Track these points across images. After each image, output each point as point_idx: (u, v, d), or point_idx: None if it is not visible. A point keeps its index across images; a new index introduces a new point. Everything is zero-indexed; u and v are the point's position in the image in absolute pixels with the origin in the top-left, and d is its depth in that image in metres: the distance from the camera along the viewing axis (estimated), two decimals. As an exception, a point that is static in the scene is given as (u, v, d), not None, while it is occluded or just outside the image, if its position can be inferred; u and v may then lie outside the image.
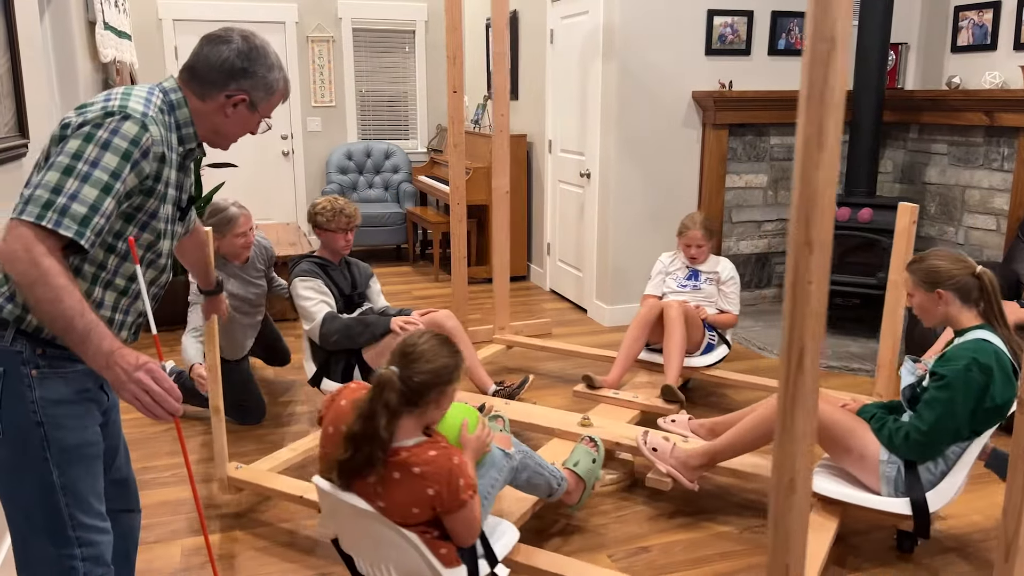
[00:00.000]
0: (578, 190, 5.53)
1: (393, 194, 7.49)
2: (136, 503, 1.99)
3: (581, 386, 3.65)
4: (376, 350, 3.32)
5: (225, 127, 1.73)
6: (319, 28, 7.43)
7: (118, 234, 1.62)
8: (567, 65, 5.55)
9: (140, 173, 1.56)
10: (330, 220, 3.37)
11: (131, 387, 1.47)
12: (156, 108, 1.62)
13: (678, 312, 3.66)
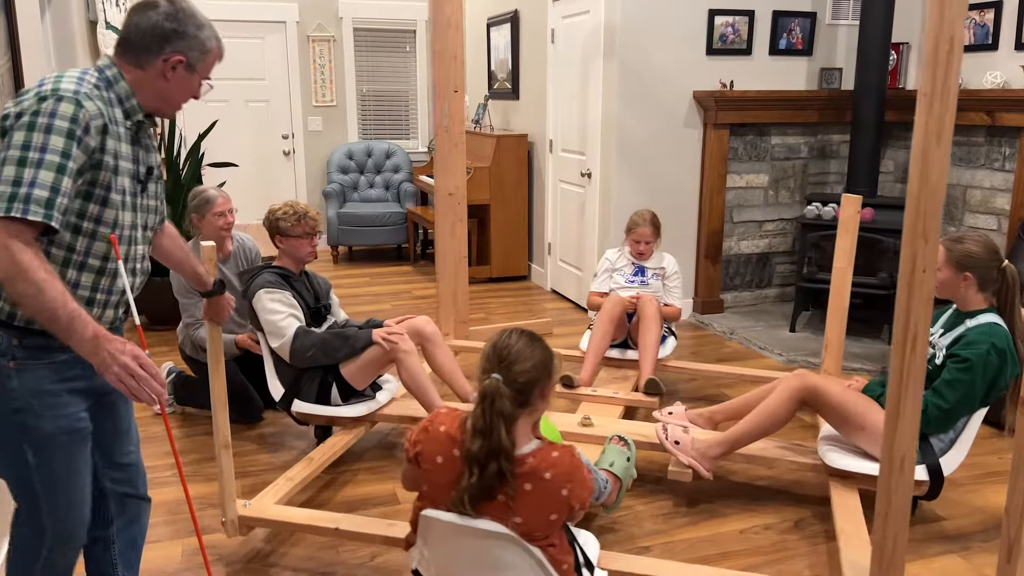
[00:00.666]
0: (579, 190, 5.52)
1: (394, 194, 7.49)
2: (144, 490, 2.05)
3: (557, 387, 3.60)
4: (356, 365, 3.09)
5: (167, 91, 1.77)
6: (320, 28, 7.42)
7: (81, 214, 1.67)
8: (568, 65, 5.54)
9: (86, 148, 1.61)
10: (294, 225, 3.10)
11: (116, 370, 1.54)
12: (90, 85, 1.66)
13: (654, 308, 3.73)
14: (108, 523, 2.01)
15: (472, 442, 1.76)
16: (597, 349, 3.72)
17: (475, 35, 7.51)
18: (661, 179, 5.11)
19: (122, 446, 1.96)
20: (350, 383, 3.12)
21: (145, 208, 1.84)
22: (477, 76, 7.50)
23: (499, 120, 6.99)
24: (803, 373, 2.82)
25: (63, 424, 1.72)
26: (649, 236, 3.96)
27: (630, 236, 4.02)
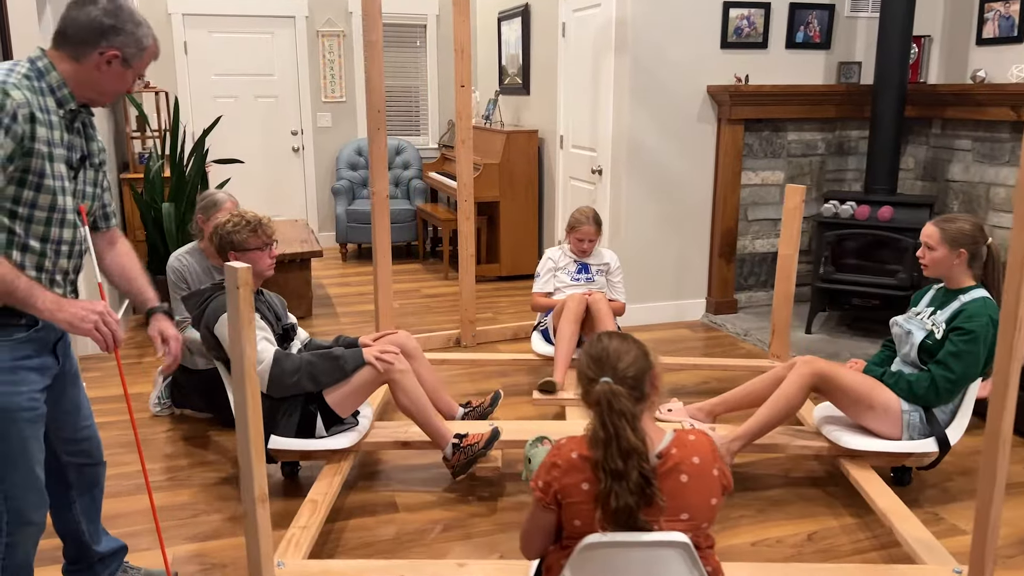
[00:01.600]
0: (589, 187, 5.41)
1: (404, 191, 7.40)
2: (100, 456, 2.19)
3: (538, 394, 3.49)
4: (345, 390, 2.78)
5: (100, 83, 1.84)
6: (329, 23, 7.35)
7: (16, 199, 1.74)
8: (579, 59, 5.43)
9: (15, 136, 1.68)
10: (249, 237, 2.72)
11: (93, 318, 1.75)
12: (20, 75, 1.74)
13: (607, 305, 3.72)
14: (68, 487, 2.14)
15: (608, 457, 1.63)
16: (567, 350, 3.64)
17: (486, 29, 7.41)
18: (673, 176, 4.99)
19: (75, 422, 2.07)
20: (335, 411, 2.80)
21: (79, 194, 1.91)
22: (488, 71, 7.40)
23: (510, 116, 6.88)
24: (810, 359, 2.90)
25: (19, 401, 1.80)
26: (592, 234, 3.94)
27: (572, 234, 3.99)
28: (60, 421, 2.03)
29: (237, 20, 7.07)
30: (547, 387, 3.46)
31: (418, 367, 3.04)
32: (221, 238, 2.73)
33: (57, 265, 1.85)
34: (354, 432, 2.88)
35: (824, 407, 3.07)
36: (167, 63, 6.95)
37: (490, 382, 4.08)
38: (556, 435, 2.96)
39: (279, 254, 4.97)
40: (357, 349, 2.85)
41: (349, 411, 2.85)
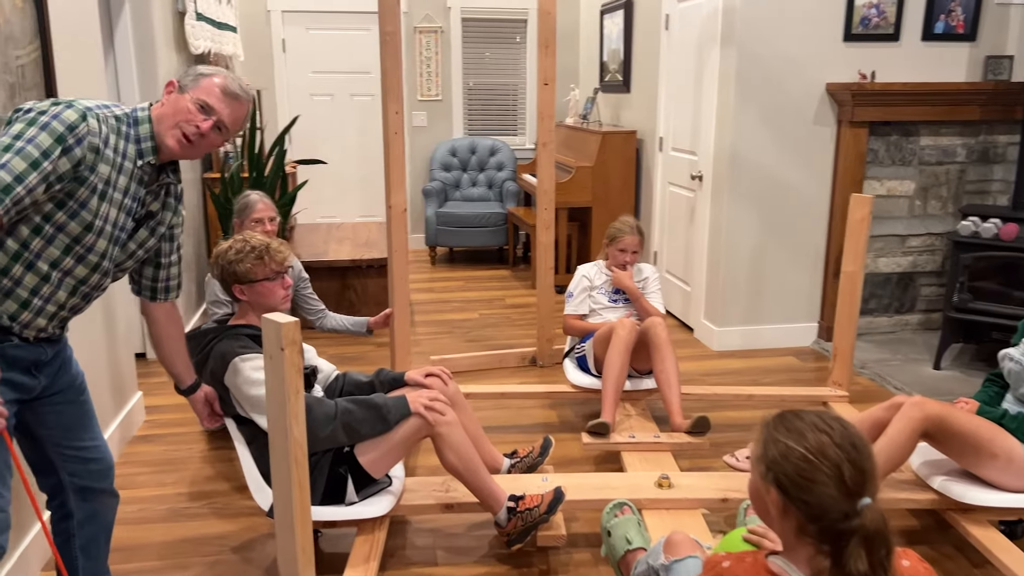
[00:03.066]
0: (689, 194, 4.93)
1: (496, 193, 7.11)
2: (108, 484, 2.05)
3: (588, 438, 3.06)
4: (382, 448, 2.31)
5: (163, 114, 1.84)
6: (428, 19, 7.13)
7: (47, 216, 1.70)
8: (682, 54, 4.96)
9: (72, 158, 1.67)
10: (256, 265, 2.30)
11: None
12: (111, 114, 1.78)
13: (667, 332, 3.27)
14: (67, 516, 2.01)
15: None
16: (617, 386, 3.19)
17: (589, 23, 7.01)
18: (783, 184, 4.45)
19: (75, 440, 1.96)
20: (368, 471, 2.32)
21: (128, 250, 1.90)
22: (589, 67, 7.00)
23: (609, 115, 6.46)
24: (920, 401, 2.47)
25: None
26: (635, 245, 3.54)
27: (612, 246, 3.56)
28: (57, 439, 1.94)
29: (335, 16, 6.96)
30: (599, 429, 3.04)
31: (460, 414, 2.57)
32: (223, 269, 2.32)
33: (54, 296, 1.78)
34: (389, 495, 2.42)
35: (921, 450, 2.60)
36: (265, 61, 6.93)
37: (521, 415, 3.71)
38: (622, 491, 2.57)
39: (363, 258, 4.80)
40: (401, 397, 2.37)
41: (385, 470, 2.38)
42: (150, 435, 3.45)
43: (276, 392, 1.51)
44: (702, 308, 4.75)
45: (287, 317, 1.59)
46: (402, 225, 3.49)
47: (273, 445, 1.53)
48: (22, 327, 1.75)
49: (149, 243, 1.95)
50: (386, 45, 3.35)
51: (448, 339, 4.74)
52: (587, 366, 3.47)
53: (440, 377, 2.59)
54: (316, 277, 4.85)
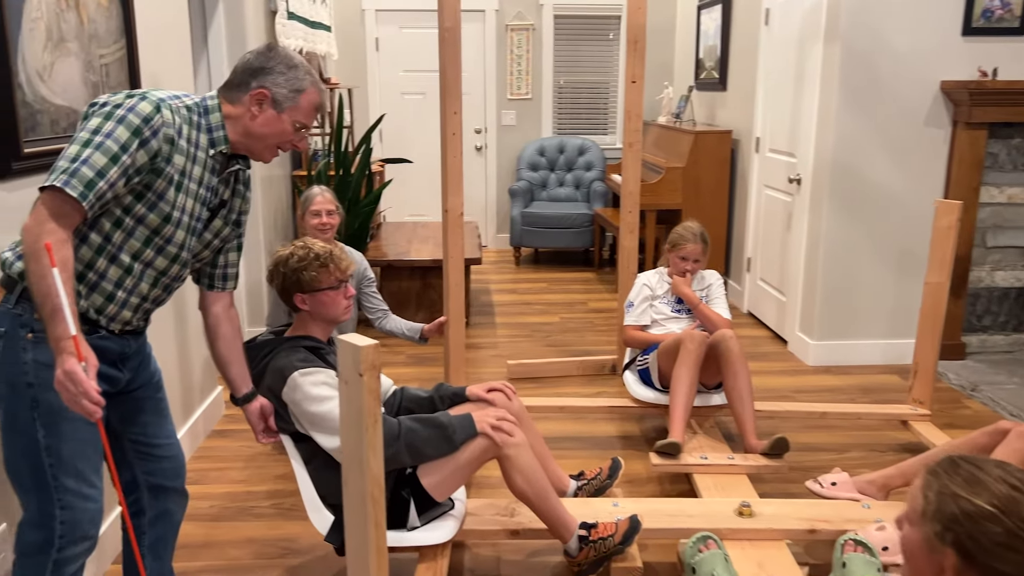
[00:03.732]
0: (786, 198, 4.67)
1: (584, 193, 6.96)
2: (179, 483, 2.03)
3: (657, 458, 2.86)
4: (446, 470, 2.15)
5: (254, 129, 1.81)
6: (519, 16, 7.05)
7: (127, 209, 1.70)
8: (783, 50, 4.69)
9: (149, 150, 1.66)
10: (321, 274, 2.15)
11: (59, 374, 1.52)
12: (182, 104, 1.76)
13: (740, 346, 3.05)
14: (139, 513, 2.00)
15: None
16: (686, 402, 2.99)
17: (685, 18, 6.78)
18: (889, 190, 4.14)
19: (151, 437, 1.96)
20: (431, 494, 2.17)
21: (203, 240, 1.89)
22: (684, 65, 6.77)
23: (704, 114, 6.22)
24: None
25: None
26: (698, 253, 3.36)
27: (675, 253, 3.38)
28: (134, 436, 1.95)
29: (428, 15, 6.96)
30: (669, 450, 2.85)
31: (525, 432, 2.38)
32: (284, 277, 2.16)
33: (137, 288, 1.78)
34: (452, 520, 2.25)
35: None
36: (358, 59, 6.99)
37: (579, 427, 3.55)
38: (699, 519, 2.41)
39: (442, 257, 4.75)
40: (467, 416, 2.20)
41: (448, 493, 2.22)
42: (227, 430, 3.48)
43: (352, 422, 1.36)
44: (797, 320, 4.49)
45: (365, 339, 1.42)
46: (458, 230, 3.35)
47: (347, 480, 1.41)
48: (108, 320, 1.76)
49: (224, 232, 1.94)
50: (445, 42, 3.16)
51: (527, 343, 4.64)
52: (650, 379, 3.30)
53: (504, 392, 2.44)
54: (398, 276, 4.84)
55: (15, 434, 1.68)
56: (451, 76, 3.19)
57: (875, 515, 2.47)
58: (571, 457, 3.21)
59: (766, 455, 2.86)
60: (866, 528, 2.31)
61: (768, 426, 3.39)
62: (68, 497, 1.70)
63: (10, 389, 1.66)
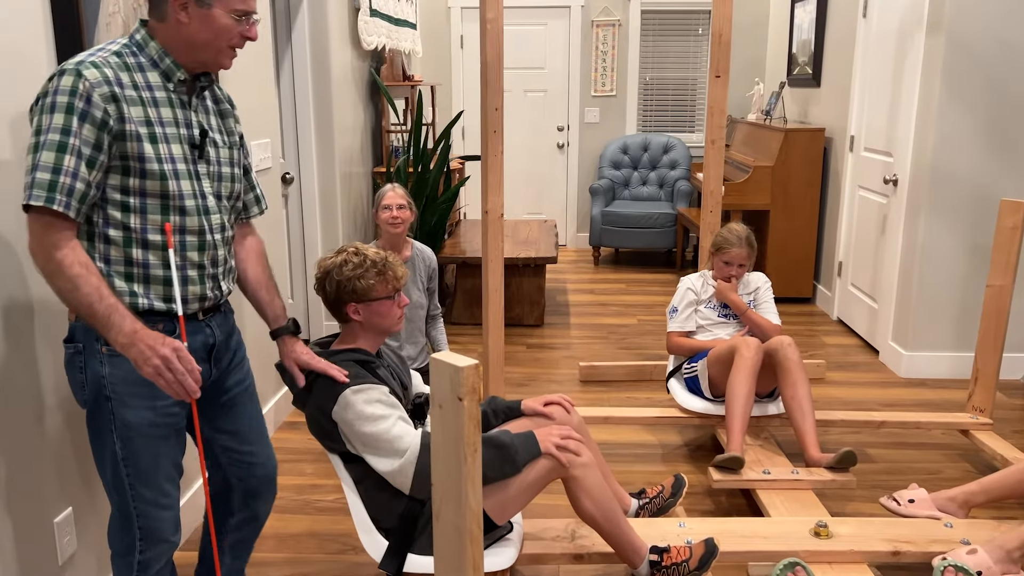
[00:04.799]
0: (881, 199, 4.41)
1: (667, 192, 6.79)
2: (270, 484, 1.99)
3: (718, 474, 2.70)
4: (508, 492, 1.99)
5: (194, 36, 1.62)
6: (605, 12, 6.93)
7: (124, 189, 1.59)
8: (881, 44, 4.43)
9: (94, 120, 1.51)
10: (376, 284, 2.02)
11: (155, 362, 1.50)
12: (109, 52, 1.58)
13: (798, 355, 2.90)
14: (229, 514, 1.99)
15: None
16: (744, 413, 2.83)
17: (778, 11, 6.52)
18: (994, 192, 3.85)
19: (242, 443, 1.92)
20: (491, 517, 2.00)
21: (213, 175, 1.73)
22: (777, 60, 6.51)
23: (796, 111, 5.96)
24: None
25: (148, 416, 1.67)
26: (744, 258, 3.22)
27: (718, 257, 3.24)
28: (225, 441, 1.91)
29: (512, 12, 6.92)
30: (730, 464, 2.69)
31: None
32: (339, 285, 2.01)
33: (187, 259, 1.68)
34: (512, 544, 2.10)
35: None
36: (443, 57, 7.01)
37: (621, 435, 3.40)
38: (774, 540, 2.28)
39: (518, 256, 4.71)
40: (529, 435, 2.04)
41: (509, 517, 2.06)
42: (297, 422, 3.52)
43: (448, 451, 1.23)
44: (890, 329, 4.23)
45: (464, 358, 1.25)
46: (498, 232, 3.21)
47: (441, 516, 1.27)
48: (183, 303, 1.68)
49: (234, 155, 1.81)
50: (487, 34, 3.01)
51: (601, 345, 4.54)
52: (698, 388, 3.15)
53: (562, 405, 2.26)
54: (473, 273, 4.82)
55: (100, 442, 1.69)
56: (493, 71, 3.07)
57: (959, 535, 2.30)
58: (617, 469, 3.11)
59: (832, 469, 2.69)
60: (956, 551, 2.14)
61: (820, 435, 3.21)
62: (144, 506, 1.72)
63: (95, 399, 1.66)
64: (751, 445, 2.95)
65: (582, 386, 3.94)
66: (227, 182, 1.77)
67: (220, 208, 1.74)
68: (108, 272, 1.61)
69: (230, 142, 1.79)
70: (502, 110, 3.14)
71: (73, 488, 2.05)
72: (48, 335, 1.93)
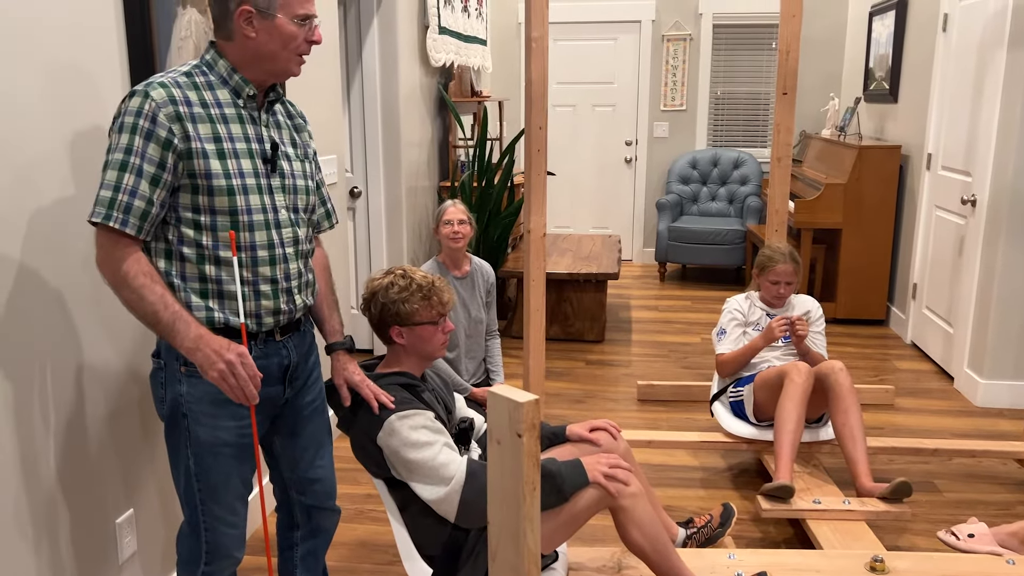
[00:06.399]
0: (959, 220, 4.24)
1: (737, 208, 6.67)
2: (330, 502, 2.01)
3: (767, 503, 2.61)
4: (553, 524, 1.94)
5: (260, 48, 1.65)
6: (677, 26, 6.88)
7: (194, 208, 1.62)
8: (961, 59, 4.27)
9: (159, 140, 1.56)
10: (420, 308, 1.99)
11: (220, 367, 1.56)
12: (178, 74, 1.63)
13: (850, 380, 2.81)
14: (293, 528, 2.02)
15: None
16: (793, 440, 2.74)
17: (856, 26, 6.36)
18: (1084, 215, 3.66)
19: (309, 461, 1.94)
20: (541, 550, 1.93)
21: (288, 188, 1.75)
22: (853, 75, 6.34)
23: (872, 127, 5.78)
24: None
25: (222, 435, 1.71)
26: (790, 275, 3.12)
27: (764, 276, 3.16)
28: (292, 458, 1.93)
29: (582, 27, 6.94)
30: (780, 493, 2.60)
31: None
32: (383, 308, 2.00)
33: (259, 274, 1.69)
34: (557, 574, 2.07)
35: None
36: (512, 72, 7.07)
37: (662, 458, 3.31)
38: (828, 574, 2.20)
39: (579, 272, 4.70)
40: (576, 463, 1.98)
41: (555, 547, 2.02)
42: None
43: (507, 489, 1.19)
44: (966, 355, 4.05)
45: (524, 393, 1.21)
46: (540, 250, 3.19)
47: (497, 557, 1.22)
48: (257, 321, 1.71)
49: (307, 168, 1.82)
50: (532, 52, 3.01)
51: (662, 363, 4.49)
52: (743, 413, 3.07)
53: (609, 432, 2.21)
54: (534, 288, 4.83)
55: (175, 456, 1.75)
56: (538, 88, 3.07)
57: (1021, 572, 2.19)
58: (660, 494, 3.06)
59: (885, 500, 2.59)
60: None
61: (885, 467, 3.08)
62: (212, 522, 1.76)
63: (171, 415, 1.71)
64: (799, 472, 2.87)
65: (639, 405, 3.90)
66: (302, 195, 1.78)
67: (293, 221, 1.75)
68: (184, 288, 1.65)
69: (303, 155, 1.81)
70: (546, 128, 3.16)
71: (137, 491, 2.14)
72: (120, 342, 2.03)
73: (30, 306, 1.76)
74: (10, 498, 1.72)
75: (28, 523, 1.76)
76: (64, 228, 1.84)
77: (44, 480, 1.82)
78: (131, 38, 2.02)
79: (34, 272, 1.77)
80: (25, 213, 1.73)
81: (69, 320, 1.88)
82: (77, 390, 1.91)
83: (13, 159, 1.68)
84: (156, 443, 2.22)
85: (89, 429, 1.95)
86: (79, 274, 1.90)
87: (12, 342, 1.71)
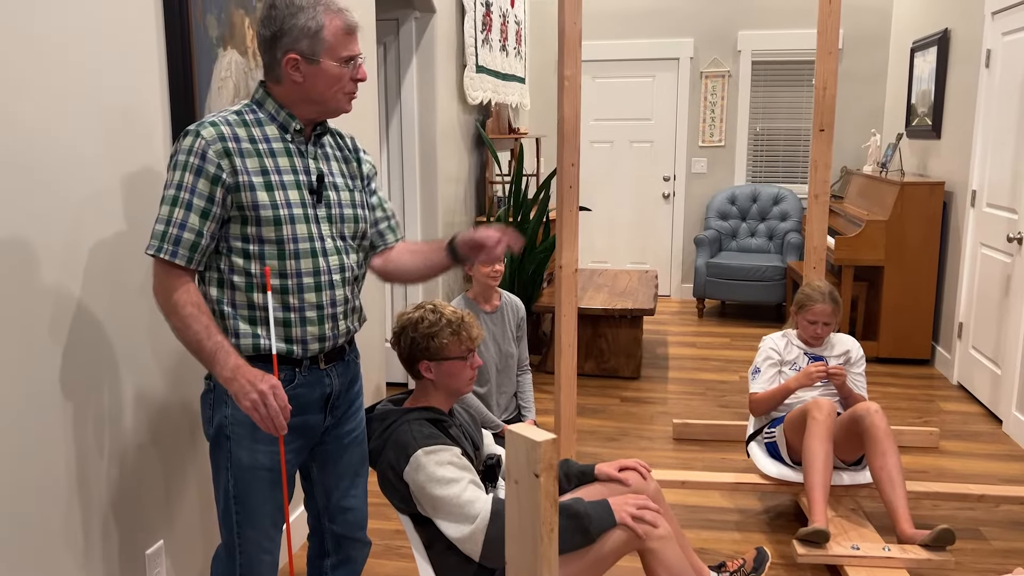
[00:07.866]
0: (1005, 259, 4.14)
1: (777, 244, 6.60)
2: (360, 533, 2.01)
3: (803, 548, 2.53)
4: (580, 565, 1.91)
5: (308, 91, 1.72)
6: (715, 63, 6.89)
7: (244, 238, 1.69)
8: (1005, 94, 4.20)
9: (207, 175, 1.64)
10: (452, 342, 2.01)
11: (253, 396, 1.60)
12: (230, 112, 1.72)
13: (886, 423, 2.73)
14: (324, 555, 2.03)
15: None
16: (824, 480, 2.67)
17: (898, 58, 6.29)
18: None
19: (343, 490, 1.95)
20: None
21: (334, 218, 1.79)
22: (895, 111, 6.27)
23: (914, 163, 5.70)
24: None
25: (261, 459, 1.75)
26: (828, 315, 3.04)
27: (802, 315, 3.08)
28: (328, 486, 1.95)
29: (620, 65, 6.99)
30: (815, 538, 2.53)
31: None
32: (413, 342, 2.01)
33: (305, 300, 1.73)
34: None
35: None
36: (550, 108, 7.13)
37: (696, 499, 3.23)
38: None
39: (614, 307, 4.67)
40: (604, 503, 1.96)
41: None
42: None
43: (524, 530, 1.17)
44: (1014, 397, 3.93)
45: (541, 432, 1.21)
46: (571, 286, 3.19)
47: None
48: (303, 347, 1.75)
49: (356, 197, 1.84)
50: (564, 90, 3.07)
51: (698, 401, 4.42)
52: (779, 454, 3.00)
53: (638, 471, 2.17)
54: (569, 324, 4.81)
55: (217, 477, 1.80)
56: (570, 125, 3.11)
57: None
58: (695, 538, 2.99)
59: (927, 547, 2.50)
60: None
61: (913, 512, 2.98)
62: (247, 545, 1.80)
63: (216, 436, 1.77)
64: (836, 516, 2.79)
65: (675, 444, 3.85)
66: (349, 223, 1.81)
67: (341, 249, 1.79)
68: (234, 316, 1.71)
69: (353, 185, 1.85)
70: (578, 165, 3.18)
71: (166, 521, 2.16)
72: (167, 372, 2.07)
73: (87, 335, 1.83)
74: (60, 515, 1.76)
75: (80, 539, 1.79)
76: (120, 263, 1.92)
77: (95, 501, 1.86)
78: (173, 79, 2.09)
79: (90, 304, 1.84)
80: (83, 249, 1.81)
81: (124, 349, 1.95)
82: (128, 416, 1.97)
83: (69, 198, 1.76)
84: (194, 472, 2.24)
85: (121, 458, 1.98)
86: (133, 306, 1.97)
87: (71, 369, 1.78)
